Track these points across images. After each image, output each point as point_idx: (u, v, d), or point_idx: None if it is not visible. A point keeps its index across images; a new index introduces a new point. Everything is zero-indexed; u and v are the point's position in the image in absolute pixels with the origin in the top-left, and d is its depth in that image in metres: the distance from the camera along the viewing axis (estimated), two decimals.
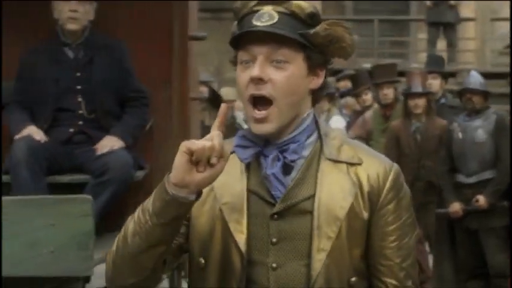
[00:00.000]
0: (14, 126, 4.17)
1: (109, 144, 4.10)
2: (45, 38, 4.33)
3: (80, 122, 4.20)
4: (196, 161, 1.71)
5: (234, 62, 1.92)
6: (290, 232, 1.89)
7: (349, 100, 9.06)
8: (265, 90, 1.85)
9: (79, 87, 4.20)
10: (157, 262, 1.84)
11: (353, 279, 1.88)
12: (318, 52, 1.91)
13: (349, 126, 8.28)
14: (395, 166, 1.96)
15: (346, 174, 1.90)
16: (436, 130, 6.46)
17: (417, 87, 6.57)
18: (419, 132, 6.54)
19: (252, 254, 1.88)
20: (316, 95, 1.96)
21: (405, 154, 6.51)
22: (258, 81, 1.85)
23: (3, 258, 3.30)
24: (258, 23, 1.86)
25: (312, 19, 1.90)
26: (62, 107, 4.18)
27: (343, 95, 8.94)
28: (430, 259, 6.90)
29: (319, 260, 1.85)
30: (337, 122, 8.34)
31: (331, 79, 10.19)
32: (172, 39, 4.41)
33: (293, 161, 1.89)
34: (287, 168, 1.89)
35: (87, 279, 3.91)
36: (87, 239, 3.35)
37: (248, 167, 1.93)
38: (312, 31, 1.88)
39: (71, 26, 4.19)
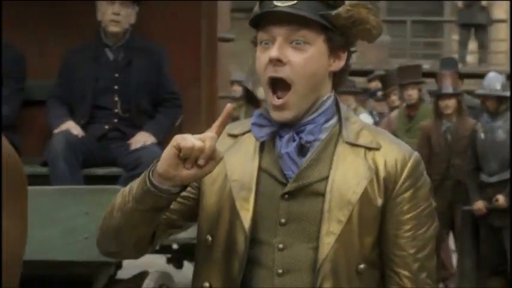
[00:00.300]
0: (53, 121, 4.42)
1: (142, 139, 4.34)
2: (88, 38, 4.55)
3: (115, 120, 4.44)
4: (183, 158, 1.70)
5: (255, 43, 1.88)
6: (300, 213, 1.86)
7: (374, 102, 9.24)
8: (283, 73, 1.82)
9: (116, 87, 4.44)
10: (138, 240, 1.83)
11: (361, 266, 1.84)
12: (339, 34, 1.86)
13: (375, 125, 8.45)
14: (416, 154, 1.91)
15: (363, 158, 1.86)
16: (467, 130, 6.58)
17: (448, 88, 6.70)
18: (450, 132, 6.67)
19: (258, 233, 1.86)
20: (338, 78, 1.92)
21: (435, 153, 6.67)
22: (277, 62, 1.81)
23: (43, 243, 3.55)
24: (279, 4, 1.83)
25: (334, 1, 1.86)
26: (99, 105, 4.43)
27: (372, 95, 9.11)
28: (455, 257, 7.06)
29: (327, 243, 1.81)
30: (366, 119, 8.51)
31: (362, 79, 10.36)
32: (201, 40, 4.61)
33: (309, 142, 1.86)
34: (302, 150, 1.87)
35: (119, 265, 4.16)
36: None
37: (262, 146, 1.90)
38: (333, 12, 1.84)
39: (113, 28, 4.40)
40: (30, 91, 4.66)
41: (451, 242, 7.32)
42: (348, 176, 1.84)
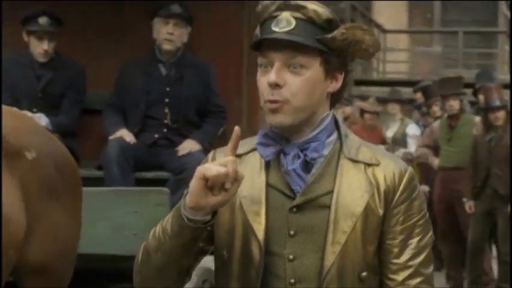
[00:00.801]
0: (108, 128, 4.80)
1: (188, 146, 4.70)
2: (142, 53, 4.91)
3: (165, 130, 4.80)
4: (211, 186, 1.74)
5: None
6: (308, 225, 1.91)
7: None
8: (280, 96, 1.87)
9: (167, 100, 4.80)
10: (179, 273, 1.91)
11: (364, 273, 1.90)
12: (336, 56, 1.91)
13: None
14: (410, 168, 1.98)
15: (364, 173, 1.92)
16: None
17: (495, 101, 6.87)
18: (494, 141, 6.86)
19: (270, 245, 1.91)
20: (335, 97, 1.97)
21: (478, 161, 6.89)
22: (275, 86, 1.87)
23: (95, 238, 3.92)
24: (276, 29, 1.88)
25: (330, 24, 1.90)
26: (150, 116, 4.80)
27: (418, 107, 9.32)
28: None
29: (333, 252, 1.88)
30: (414, 129, 8.74)
31: (409, 90, 10.56)
32: (243, 55, 4.94)
33: (313, 159, 1.92)
34: (307, 166, 1.93)
35: None
36: None
37: (268, 164, 1.96)
38: (329, 36, 1.88)
39: (167, 47, 4.76)
40: (88, 101, 5.04)
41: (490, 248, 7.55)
42: (352, 189, 1.90)
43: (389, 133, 8.80)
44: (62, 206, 3.12)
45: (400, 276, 1.93)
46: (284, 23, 1.88)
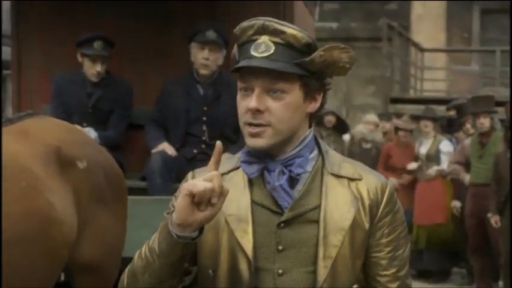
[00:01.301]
0: (151, 142, 5.13)
1: None
2: (183, 72, 5.22)
3: (203, 146, 5.11)
4: (197, 202, 1.74)
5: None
6: (296, 240, 1.91)
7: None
8: (262, 119, 1.88)
9: (205, 118, 5.11)
10: None
11: (355, 286, 1.93)
12: (315, 78, 1.91)
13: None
14: (390, 182, 2.05)
15: (348, 188, 1.94)
16: None
17: None
18: None
19: (258, 261, 1.90)
20: (314, 117, 1.99)
21: (502, 178, 7.07)
22: (256, 111, 1.87)
23: (138, 244, 4.23)
24: (255, 54, 1.87)
25: (308, 48, 1.89)
26: (190, 133, 5.11)
27: (450, 123, 9.51)
28: None
29: (325, 266, 1.88)
30: (447, 146, 8.90)
31: (442, 108, 10.71)
32: None
33: (299, 175, 1.92)
34: (292, 182, 1.93)
35: None
36: None
37: (251, 181, 1.95)
38: (307, 59, 1.88)
39: (203, 71, 5.07)
40: (134, 116, 5.38)
41: None
42: (339, 204, 1.92)
43: (423, 150, 8.96)
44: (109, 211, 3.43)
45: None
46: (263, 48, 1.87)
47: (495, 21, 18.19)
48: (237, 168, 1.96)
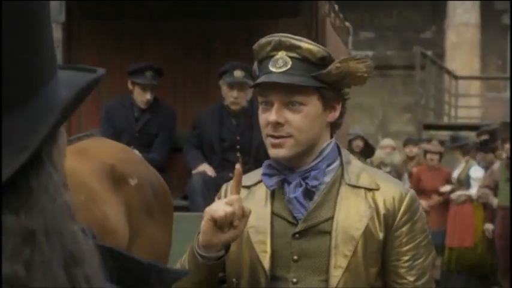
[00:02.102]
0: (191, 162, 5.49)
1: None
2: (215, 102, 5.59)
3: None
4: (220, 225, 1.81)
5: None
6: (310, 250, 1.95)
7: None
8: (283, 131, 1.94)
9: (238, 146, 5.50)
10: None
11: None
12: (332, 89, 1.96)
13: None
14: (411, 192, 2.01)
15: (364, 198, 1.95)
16: None
17: None
18: None
19: (275, 270, 1.96)
20: (335, 125, 2.03)
21: None
22: (276, 124, 1.93)
23: (181, 257, 4.57)
24: (273, 69, 1.92)
25: (324, 61, 1.94)
26: (225, 159, 5.48)
27: (480, 148, 9.76)
28: None
29: (336, 275, 1.92)
30: (477, 171, 9.17)
31: (472, 134, 10.94)
32: None
33: (314, 187, 1.96)
34: (309, 193, 1.97)
35: None
36: None
37: (273, 192, 2.00)
38: (324, 71, 1.92)
39: (233, 107, 5.44)
40: (175, 139, 5.73)
41: None
42: (351, 215, 1.94)
43: (455, 174, 9.25)
44: (157, 224, 3.78)
45: None
46: (280, 63, 1.92)
47: None
48: (261, 181, 2.03)
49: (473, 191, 8.94)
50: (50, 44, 0.86)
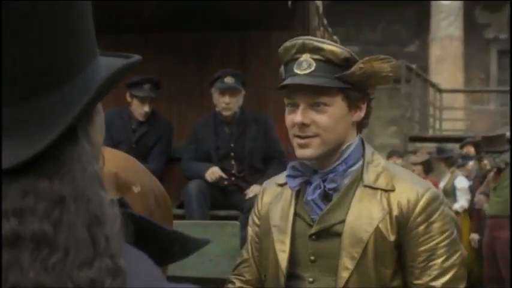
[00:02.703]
0: (200, 168, 5.45)
1: (254, 190, 5.39)
2: (209, 114, 5.67)
3: (233, 178, 5.55)
4: None
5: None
6: (324, 251, 1.98)
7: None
8: (309, 131, 1.95)
9: (232, 154, 5.55)
10: None
11: None
12: (356, 90, 1.96)
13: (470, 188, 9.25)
14: (431, 192, 1.96)
15: (379, 200, 1.95)
16: None
17: None
18: None
19: (295, 269, 2.02)
20: (361, 124, 2.04)
21: None
22: (302, 125, 1.94)
23: (180, 263, 4.66)
24: (298, 71, 1.94)
25: (347, 62, 1.95)
26: (221, 167, 5.51)
27: (464, 159, 9.90)
28: None
29: (343, 277, 1.94)
30: (462, 182, 9.27)
31: (457, 146, 11.08)
32: None
33: (331, 189, 1.98)
34: (327, 196, 1.99)
35: None
36: (235, 252, 4.50)
37: (298, 193, 2.04)
38: (348, 72, 1.93)
39: (225, 113, 5.48)
40: (171, 150, 5.80)
41: None
42: (361, 217, 1.94)
43: (441, 185, 9.36)
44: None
45: None
46: (305, 65, 1.94)
47: None
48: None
49: (457, 205, 9.07)
50: (90, 29, 0.97)
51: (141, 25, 5.87)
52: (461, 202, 9.10)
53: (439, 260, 1.94)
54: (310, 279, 2.00)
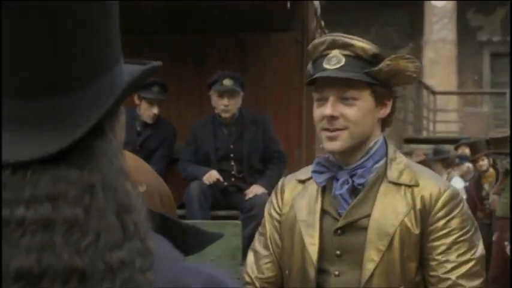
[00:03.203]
0: (197, 171, 5.49)
1: (254, 191, 5.44)
2: (208, 114, 5.68)
3: (233, 179, 5.58)
4: None
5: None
6: (350, 246, 2.00)
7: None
8: (338, 124, 1.97)
9: (232, 155, 5.57)
10: None
11: (401, 287, 1.97)
12: (383, 86, 1.99)
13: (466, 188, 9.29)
14: (452, 189, 2.01)
15: (403, 195, 1.98)
16: None
17: None
18: None
19: (322, 264, 2.03)
20: (386, 122, 2.07)
21: None
22: (331, 118, 1.97)
23: None
24: (328, 66, 1.97)
25: (376, 58, 1.98)
26: (221, 168, 5.55)
27: (461, 160, 9.95)
28: None
29: (368, 269, 1.96)
30: (457, 182, 9.32)
31: (450, 146, 11.13)
32: (303, 114, 5.74)
33: (360, 185, 2.00)
34: (355, 191, 2.02)
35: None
36: (236, 251, 4.62)
37: (324, 188, 2.06)
38: (376, 68, 1.96)
39: (224, 115, 5.50)
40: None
41: None
42: (387, 212, 1.97)
43: None
44: None
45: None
46: (335, 61, 1.97)
47: (505, 64, 18.64)
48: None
49: None
50: (117, 30, 1.02)
51: (139, 26, 5.88)
52: None
53: (455, 254, 1.96)
54: (336, 273, 2.03)
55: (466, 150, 9.89)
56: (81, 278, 0.88)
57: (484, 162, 8.87)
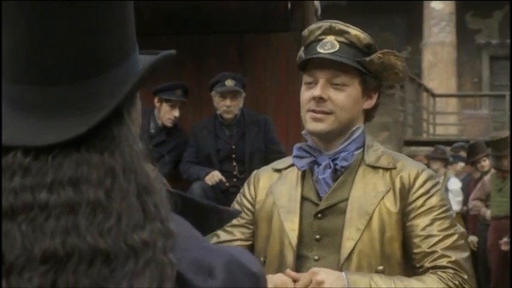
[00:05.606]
0: (200, 172, 5.50)
1: None
2: (209, 116, 5.70)
3: (234, 179, 5.58)
4: None
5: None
6: (329, 229, 2.01)
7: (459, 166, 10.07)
8: (325, 107, 2.00)
9: (234, 155, 5.58)
10: None
11: (380, 267, 1.96)
12: (372, 77, 2.03)
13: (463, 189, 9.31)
14: (429, 171, 2.05)
15: (381, 177, 2.01)
16: None
17: None
18: None
19: (300, 249, 2.03)
20: (369, 114, 2.11)
21: None
22: (319, 100, 1.99)
23: None
24: (321, 50, 2.00)
25: (369, 49, 2.03)
26: (222, 169, 5.56)
27: (455, 159, 10.00)
28: None
29: (348, 247, 1.96)
30: (454, 183, 9.33)
31: (447, 148, 11.15)
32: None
33: (343, 167, 2.03)
34: (336, 174, 2.04)
35: None
36: None
37: (303, 176, 2.07)
38: (367, 59, 2.00)
39: (226, 116, 5.51)
40: None
41: None
42: (367, 191, 2.00)
43: None
44: None
45: (426, 262, 1.96)
46: (329, 46, 2.01)
47: (504, 67, 18.69)
48: (293, 164, 2.11)
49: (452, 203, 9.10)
50: (132, 25, 1.05)
51: (139, 28, 5.85)
52: (453, 205, 9.14)
53: (439, 229, 1.98)
54: (316, 257, 2.03)
55: (463, 153, 9.91)
56: (106, 259, 0.90)
57: (486, 163, 8.87)
